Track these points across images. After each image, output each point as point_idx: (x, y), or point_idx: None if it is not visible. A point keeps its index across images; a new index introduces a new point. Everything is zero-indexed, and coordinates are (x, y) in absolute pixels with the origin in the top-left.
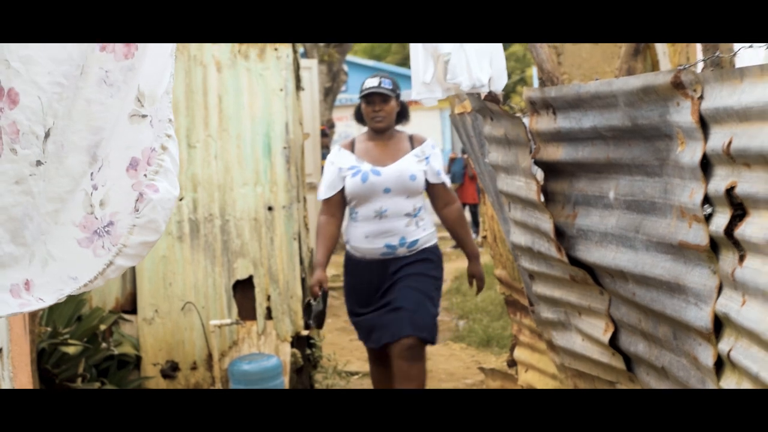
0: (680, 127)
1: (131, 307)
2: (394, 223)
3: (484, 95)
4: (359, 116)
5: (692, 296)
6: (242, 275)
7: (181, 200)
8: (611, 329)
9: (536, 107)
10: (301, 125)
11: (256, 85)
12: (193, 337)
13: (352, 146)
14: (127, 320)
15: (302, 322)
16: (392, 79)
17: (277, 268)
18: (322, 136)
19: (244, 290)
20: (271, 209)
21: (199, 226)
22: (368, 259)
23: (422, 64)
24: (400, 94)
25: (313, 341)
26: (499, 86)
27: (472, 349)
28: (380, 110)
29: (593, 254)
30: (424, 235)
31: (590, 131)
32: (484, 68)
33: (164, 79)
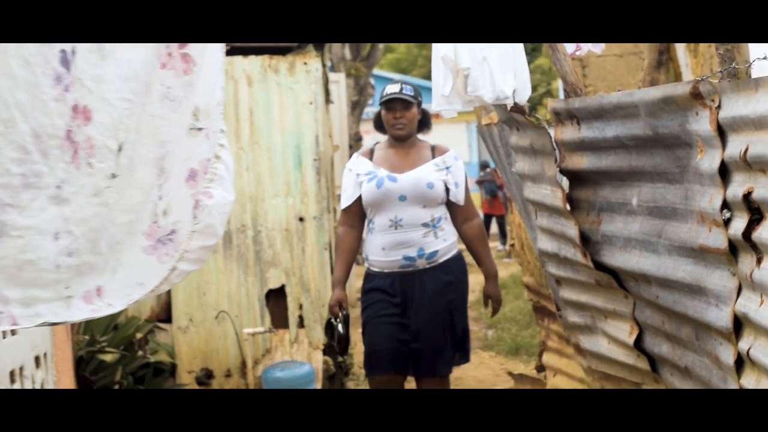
0: (699, 135)
1: (166, 316)
2: (410, 233)
3: (510, 107)
4: (379, 123)
5: (713, 298)
6: (275, 284)
7: None
8: (636, 331)
9: (561, 118)
10: (330, 137)
11: (286, 98)
12: (227, 345)
13: (371, 154)
14: (162, 329)
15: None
16: (414, 86)
17: (308, 277)
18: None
19: (276, 299)
20: (302, 220)
21: (231, 236)
22: (387, 272)
23: (442, 77)
24: (422, 101)
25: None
26: (523, 98)
27: (501, 357)
28: (401, 117)
29: (617, 259)
30: (444, 246)
31: (613, 140)
32: (508, 80)
33: (216, 92)
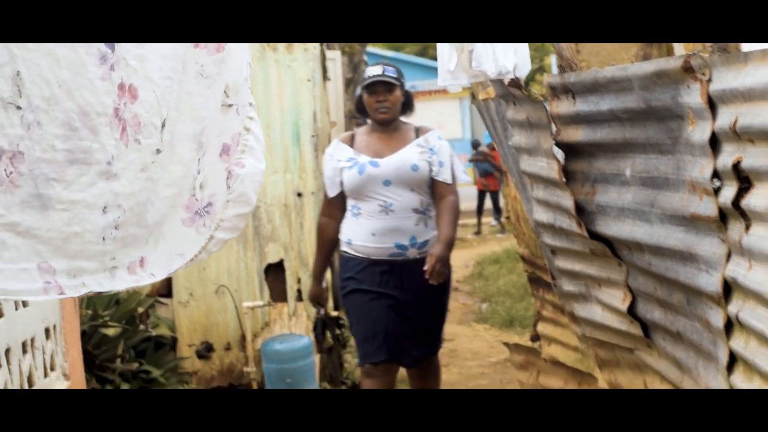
0: (691, 107)
1: (167, 290)
2: (402, 220)
3: (507, 81)
4: (360, 108)
5: (703, 264)
6: (273, 259)
7: None
8: (629, 298)
9: (556, 92)
10: (328, 114)
11: (284, 76)
12: (226, 318)
13: (351, 140)
14: (163, 303)
15: (332, 303)
16: (396, 67)
17: (306, 251)
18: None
19: (275, 273)
20: (300, 195)
21: None
22: (373, 260)
23: (447, 54)
24: (404, 83)
25: (342, 322)
26: (523, 73)
27: (495, 329)
28: (384, 100)
29: (611, 228)
30: (433, 235)
31: (607, 113)
32: (509, 56)
33: (243, 68)
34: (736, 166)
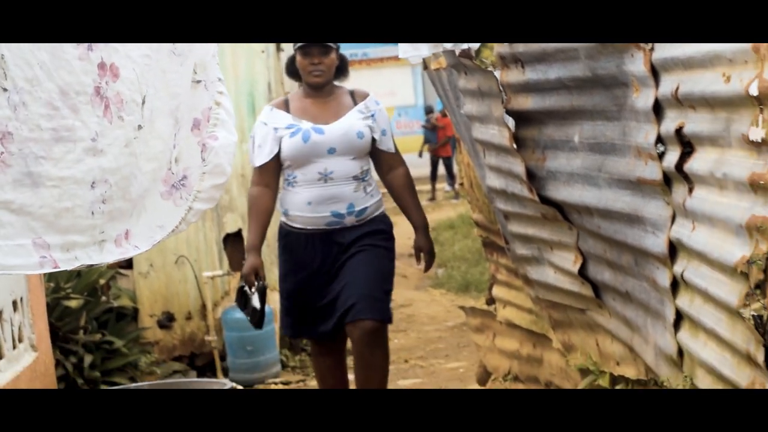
0: (635, 75)
1: (127, 262)
2: (341, 187)
3: (458, 52)
4: (292, 70)
5: (650, 226)
6: (232, 229)
7: None
8: (580, 260)
9: (506, 61)
10: (282, 85)
11: (238, 47)
12: (187, 288)
13: (286, 105)
14: (123, 275)
15: None
16: None
17: None
18: None
19: (234, 243)
20: None
21: None
22: (310, 231)
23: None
24: (339, 46)
25: None
26: (475, 44)
27: (451, 294)
28: (319, 63)
29: (561, 193)
30: (373, 202)
31: (555, 82)
32: None
33: (211, 45)
34: (678, 131)
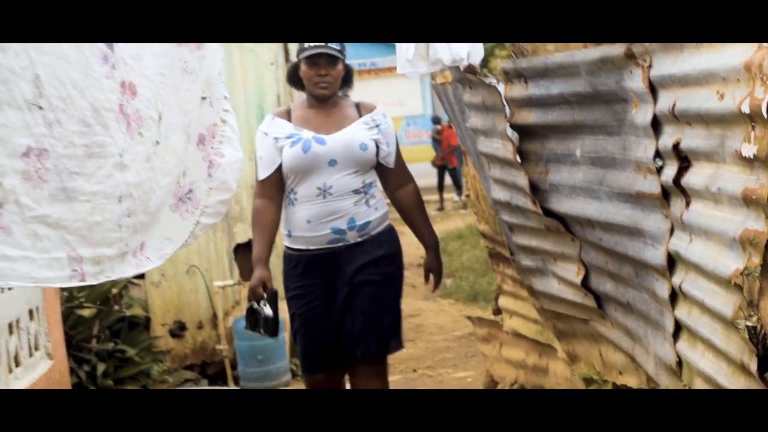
0: (634, 92)
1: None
2: (340, 202)
3: (463, 67)
4: (295, 79)
5: (649, 238)
6: (242, 239)
7: None
8: (582, 272)
9: (510, 77)
10: (291, 96)
11: (247, 59)
12: (198, 298)
13: (288, 115)
14: (136, 284)
15: None
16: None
17: None
18: None
19: (244, 253)
20: None
21: None
22: (313, 251)
23: (405, 43)
24: (345, 55)
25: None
26: (476, 59)
27: (459, 304)
28: (326, 74)
29: (564, 206)
30: (376, 216)
31: (558, 97)
32: (463, 44)
33: (217, 63)
34: (676, 146)
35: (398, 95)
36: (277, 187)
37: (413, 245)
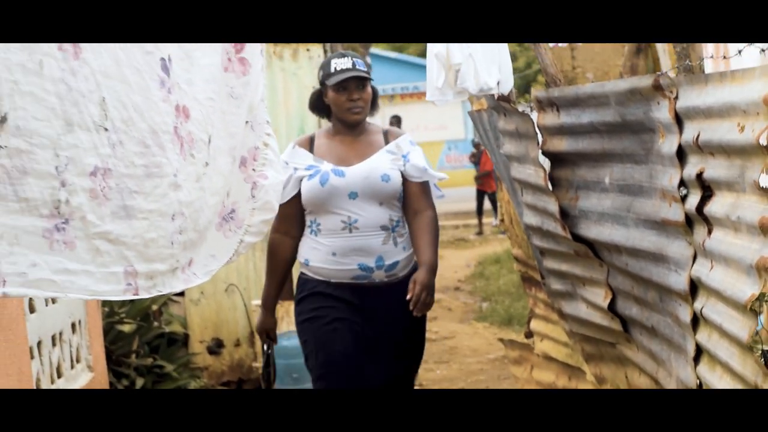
0: (660, 122)
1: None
2: (368, 239)
3: (497, 96)
4: (319, 106)
5: (673, 264)
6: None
7: None
8: (610, 296)
9: (543, 105)
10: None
11: (290, 83)
12: (236, 316)
13: (310, 144)
14: (175, 301)
15: None
16: (364, 59)
17: None
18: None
19: None
20: None
21: None
22: (334, 283)
23: (435, 71)
24: (371, 76)
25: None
26: (506, 89)
27: (494, 327)
28: (359, 98)
29: (593, 231)
30: (404, 256)
31: (588, 126)
32: (492, 73)
33: (259, 88)
34: (699, 176)
35: (440, 119)
36: (295, 221)
37: (450, 268)
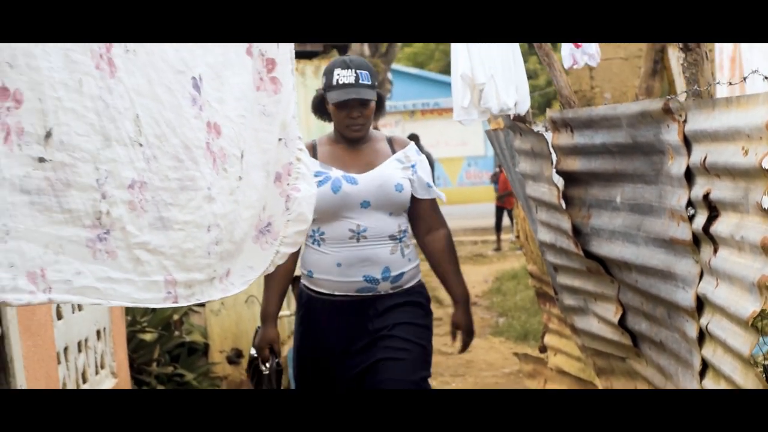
0: (670, 144)
1: None
2: (376, 248)
3: (513, 116)
4: (320, 109)
5: (680, 281)
6: (299, 272)
7: None
8: (620, 311)
9: (557, 126)
10: None
11: (310, 99)
12: (255, 327)
13: (313, 150)
14: (196, 311)
15: None
16: (369, 68)
17: None
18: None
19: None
20: None
21: None
22: (338, 298)
23: (461, 92)
24: (376, 85)
25: None
26: (523, 109)
27: (510, 342)
28: (359, 116)
29: (604, 249)
30: (410, 268)
31: (600, 147)
32: (510, 94)
33: (291, 106)
34: (706, 196)
35: (460, 135)
36: None
37: (468, 284)
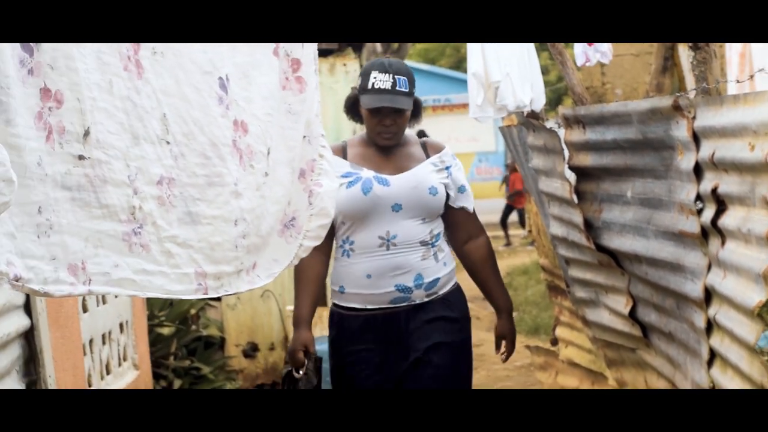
0: (679, 140)
1: None
2: (407, 255)
3: (526, 113)
4: (353, 111)
5: (689, 273)
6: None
7: None
8: (630, 303)
9: (570, 122)
10: None
11: (326, 97)
12: (271, 321)
13: (343, 152)
14: (212, 306)
15: None
16: (409, 73)
17: None
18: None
19: None
20: None
21: None
22: (371, 312)
23: (476, 90)
24: (414, 91)
25: None
26: (538, 106)
27: (522, 336)
28: (392, 124)
29: (615, 242)
30: (445, 273)
31: (612, 142)
32: (526, 92)
33: (315, 105)
34: (714, 191)
35: (471, 131)
36: (326, 236)
37: None
